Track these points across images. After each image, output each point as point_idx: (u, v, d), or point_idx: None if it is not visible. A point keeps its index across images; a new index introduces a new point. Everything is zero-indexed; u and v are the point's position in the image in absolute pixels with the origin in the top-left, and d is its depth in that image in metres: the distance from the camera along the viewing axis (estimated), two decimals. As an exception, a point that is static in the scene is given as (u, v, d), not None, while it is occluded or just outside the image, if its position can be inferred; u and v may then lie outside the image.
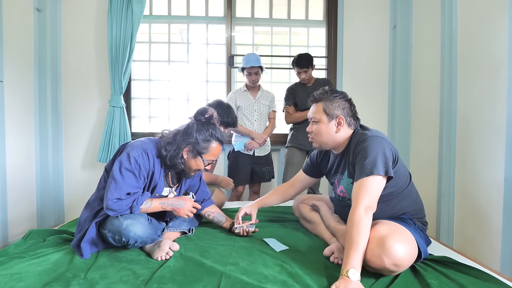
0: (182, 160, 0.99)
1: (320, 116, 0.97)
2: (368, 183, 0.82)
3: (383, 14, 2.23)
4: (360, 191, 0.82)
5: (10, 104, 1.71)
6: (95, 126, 2.15)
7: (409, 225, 0.87)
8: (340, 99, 0.97)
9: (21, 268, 0.82)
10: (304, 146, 1.87)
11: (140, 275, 0.81)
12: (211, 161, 1.02)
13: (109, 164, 1.02)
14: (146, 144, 0.98)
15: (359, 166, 0.86)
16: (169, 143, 0.98)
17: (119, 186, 0.91)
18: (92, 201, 1.03)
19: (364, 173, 0.84)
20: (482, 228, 1.38)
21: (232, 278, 0.78)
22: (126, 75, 2.04)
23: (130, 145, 0.98)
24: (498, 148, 1.30)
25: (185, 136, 0.99)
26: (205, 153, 1.00)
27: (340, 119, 0.95)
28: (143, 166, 0.94)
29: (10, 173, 1.71)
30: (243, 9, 2.29)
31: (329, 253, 0.92)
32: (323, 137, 0.97)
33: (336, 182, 1.03)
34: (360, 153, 0.88)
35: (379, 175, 0.83)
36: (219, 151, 1.03)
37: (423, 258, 0.86)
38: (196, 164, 1.00)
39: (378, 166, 0.83)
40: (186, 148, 0.98)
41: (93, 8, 2.12)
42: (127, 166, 0.92)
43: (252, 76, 1.84)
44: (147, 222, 0.95)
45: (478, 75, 1.45)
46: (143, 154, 0.95)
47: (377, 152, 0.85)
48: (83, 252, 0.91)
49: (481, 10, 1.44)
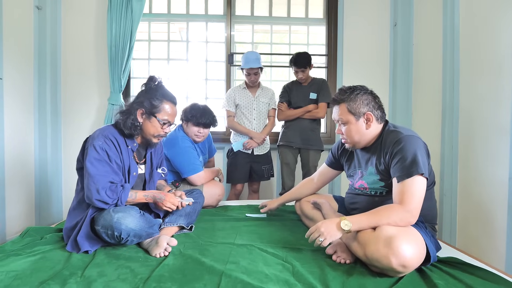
0: (138, 124, 1.00)
1: (347, 117, 0.94)
2: (413, 185, 0.81)
3: (383, 12, 2.21)
4: (406, 194, 0.81)
5: (9, 101, 1.70)
6: (94, 124, 2.14)
7: (420, 228, 0.85)
8: (363, 95, 0.93)
9: (18, 265, 0.81)
10: (294, 144, 1.86)
11: (138, 273, 0.80)
12: (166, 120, 1.03)
13: (78, 163, 1.01)
14: (105, 130, 1.00)
15: (399, 167, 0.84)
16: (122, 112, 1.01)
17: (96, 178, 0.91)
18: (76, 206, 0.99)
19: (406, 174, 0.82)
20: (485, 227, 1.37)
21: (232, 277, 0.77)
22: (126, 73, 2.03)
23: (91, 137, 0.98)
24: (502, 146, 1.28)
25: (136, 101, 1.02)
26: (158, 112, 1.01)
27: (368, 115, 0.92)
28: (110, 151, 0.95)
29: (9, 171, 1.70)
30: (243, 7, 2.28)
31: (332, 251, 0.91)
32: (355, 137, 0.94)
33: (356, 176, 1.01)
34: (398, 153, 0.85)
35: (421, 175, 0.82)
36: (173, 111, 1.05)
37: (431, 263, 0.83)
38: (152, 126, 1.02)
39: (419, 166, 0.81)
40: (139, 111, 1.00)
41: (93, 6, 2.11)
42: (95, 156, 0.93)
43: (251, 76, 1.82)
44: (138, 214, 0.93)
45: (481, 73, 1.44)
46: (106, 140, 0.96)
47: (415, 152, 0.83)
48: (81, 246, 0.90)
49: (484, 6, 1.43)
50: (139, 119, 1.00)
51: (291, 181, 1.92)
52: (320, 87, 1.88)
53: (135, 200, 0.98)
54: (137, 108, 1.00)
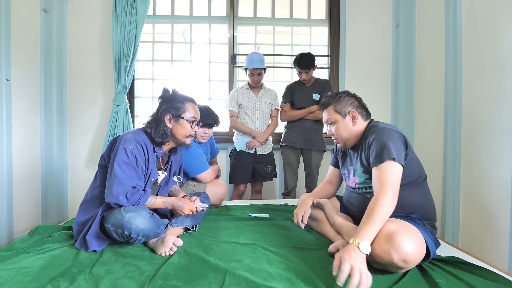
0: (169, 130, 1.06)
1: (335, 117, 1.03)
2: (387, 169, 0.86)
3: (385, 12, 2.22)
4: (383, 178, 0.85)
5: (17, 102, 1.74)
6: (99, 124, 2.17)
7: (418, 225, 0.86)
8: (345, 97, 1.04)
9: (28, 262, 0.83)
10: (297, 144, 1.87)
11: (144, 271, 0.82)
12: (193, 118, 1.10)
13: (102, 161, 1.04)
14: (137, 134, 1.03)
15: (374, 154, 0.90)
16: (150, 122, 1.07)
17: (121, 181, 0.94)
18: (89, 200, 1.02)
19: (380, 160, 0.87)
20: (488, 228, 1.36)
21: (236, 275, 0.78)
22: (130, 74, 2.06)
23: (123, 138, 1.00)
24: (505, 146, 1.28)
25: (160, 110, 1.08)
26: (183, 112, 1.08)
27: (353, 113, 1.01)
28: (139, 157, 0.99)
29: (16, 171, 1.73)
30: (246, 8, 2.30)
31: (334, 250, 0.92)
32: (344, 134, 1.02)
33: (348, 173, 1.07)
34: (373, 143, 0.92)
35: (393, 159, 0.86)
36: (195, 109, 1.13)
37: (431, 259, 0.85)
38: (182, 128, 1.08)
39: (391, 151, 0.86)
40: (166, 117, 1.07)
41: (98, 9, 2.14)
42: (125, 159, 0.96)
43: (255, 77, 1.84)
44: (148, 215, 0.96)
45: (483, 73, 1.44)
46: (137, 146, 1.00)
47: (388, 139, 0.89)
48: (89, 245, 0.92)
49: (486, 7, 1.43)
50: (168, 125, 1.06)
51: (294, 181, 1.93)
52: (323, 88, 1.89)
53: (154, 205, 1.02)
54: (164, 115, 1.06)
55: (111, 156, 0.99)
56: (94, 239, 0.93)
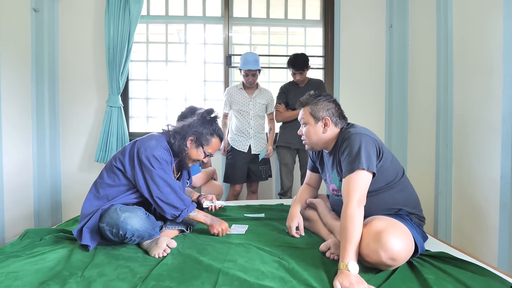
0: (186, 149, 1.08)
1: (308, 119, 1.03)
2: (355, 179, 0.86)
3: (379, 13, 2.24)
4: (350, 188, 0.86)
5: (7, 104, 1.71)
6: (92, 126, 2.14)
7: (405, 221, 0.88)
8: (324, 101, 1.02)
9: (18, 266, 0.82)
10: (292, 145, 1.89)
11: (137, 273, 0.81)
12: (210, 154, 1.13)
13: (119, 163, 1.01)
14: (161, 141, 1.06)
15: (344, 163, 0.91)
16: (177, 132, 1.09)
17: (171, 189, 1.00)
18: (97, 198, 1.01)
19: (349, 170, 0.87)
20: (479, 224, 1.39)
21: (230, 275, 0.78)
22: (124, 75, 2.04)
23: (148, 146, 1.01)
24: (494, 145, 1.31)
25: (191, 128, 1.09)
26: (206, 145, 1.11)
27: (326, 120, 1.00)
28: (168, 161, 1.05)
29: (7, 174, 1.70)
30: (241, 9, 2.30)
31: (325, 248, 0.93)
32: (312, 138, 1.03)
33: (327, 180, 1.07)
34: (344, 151, 0.92)
35: (363, 169, 0.86)
36: (218, 146, 1.15)
37: (420, 253, 0.86)
38: (196, 154, 1.11)
39: (361, 161, 0.86)
40: (190, 138, 1.09)
41: (91, 9, 2.12)
42: (158, 165, 1.00)
43: (249, 77, 1.84)
44: (144, 216, 0.96)
45: (473, 74, 1.47)
46: (164, 151, 1.04)
47: (359, 148, 0.88)
48: (83, 237, 0.93)
49: (476, 9, 1.46)
50: (188, 145, 1.09)
51: (290, 181, 1.94)
52: (317, 88, 1.90)
53: (195, 218, 1.07)
54: (191, 135, 1.08)
55: (134, 164, 1.00)
56: (89, 233, 0.94)
